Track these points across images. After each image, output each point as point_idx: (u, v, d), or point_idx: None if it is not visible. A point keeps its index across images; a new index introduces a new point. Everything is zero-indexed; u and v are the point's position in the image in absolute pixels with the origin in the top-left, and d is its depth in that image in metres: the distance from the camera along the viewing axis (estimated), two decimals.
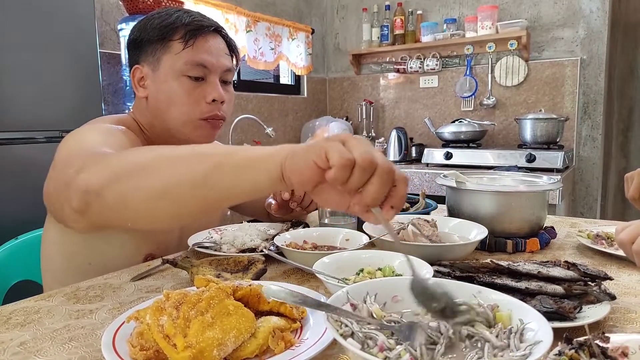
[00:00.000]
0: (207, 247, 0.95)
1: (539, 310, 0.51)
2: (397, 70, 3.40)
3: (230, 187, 0.55)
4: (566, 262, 0.75)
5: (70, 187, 0.61)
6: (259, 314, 0.61)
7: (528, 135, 2.74)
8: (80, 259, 0.95)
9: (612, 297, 0.67)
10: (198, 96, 0.95)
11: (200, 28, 0.95)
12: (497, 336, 0.49)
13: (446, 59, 3.27)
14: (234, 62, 1.02)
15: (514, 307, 0.53)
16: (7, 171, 1.41)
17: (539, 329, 0.47)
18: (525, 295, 0.67)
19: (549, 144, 2.72)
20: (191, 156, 0.57)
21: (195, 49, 0.94)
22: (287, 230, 1.03)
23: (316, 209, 1.12)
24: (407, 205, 1.25)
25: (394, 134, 3.10)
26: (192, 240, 0.98)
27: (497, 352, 0.46)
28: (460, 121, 2.98)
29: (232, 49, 1.02)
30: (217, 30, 0.99)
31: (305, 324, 0.62)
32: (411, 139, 3.23)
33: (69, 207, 0.63)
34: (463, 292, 0.56)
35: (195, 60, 0.94)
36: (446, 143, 2.97)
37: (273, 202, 1.06)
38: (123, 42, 2.01)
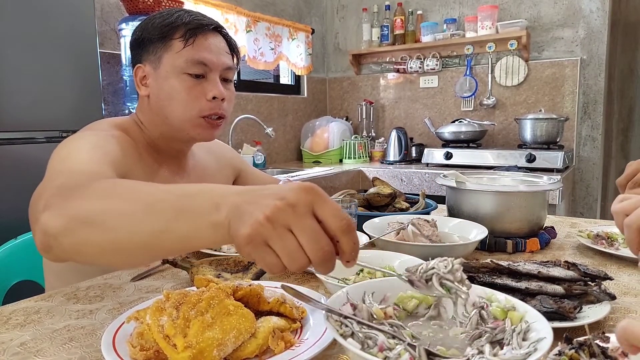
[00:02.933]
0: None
1: (539, 310, 0.51)
2: (397, 70, 3.40)
3: (178, 249, 0.52)
4: (566, 262, 0.75)
5: (36, 224, 0.59)
6: (259, 314, 0.61)
7: (528, 135, 2.74)
8: None
9: (612, 297, 0.67)
10: (198, 93, 0.95)
11: (200, 26, 0.96)
12: (496, 334, 0.49)
13: (446, 59, 3.27)
14: (235, 61, 1.03)
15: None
16: (7, 171, 1.41)
17: (539, 329, 0.47)
18: (525, 295, 0.67)
19: (549, 144, 2.72)
20: (142, 211, 0.52)
21: (196, 47, 0.95)
22: None
23: None
24: (407, 205, 1.25)
25: (394, 134, 3.10)
26: None
27: (498, 349, 0.46)
28: (460, 121, 2.98)
29: (232, 47, 1.02)
30: (217, 29, 1.00)
31: (305, 324, 0.62)
32: (411, 139, 3.23)
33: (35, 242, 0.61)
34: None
35: (196, 58, 0.94)
36: (446, 143, 2.97)
37: None
38: (123, 42, 2.01)
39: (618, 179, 1.04)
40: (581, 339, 0.49)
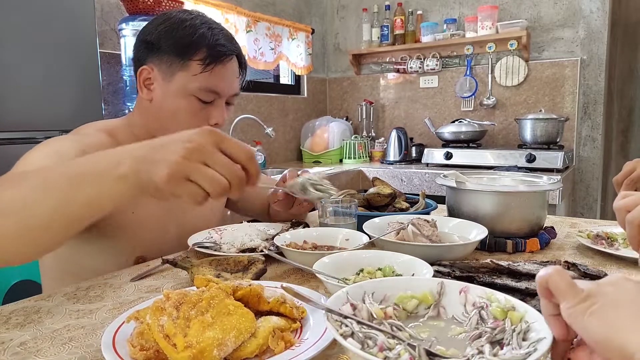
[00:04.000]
0: (207, 247, 0.95)
1: (539, 310, 0.51)
2: (397, 71, 3.40)
3: (87, 214, 0.57)
4: (566, 262, 0.75)
5: None
6: (259, 314, 0.61)
7: (528, 135, 2.74)
8: (72, 262, 0.95)
9: None
10: (202, 119, 0.96)
11: (221, 54, 0.95)
12: (496, 334, 0.49)
13: (446, 59, 3.27)
14: (241, 78, 1.04)
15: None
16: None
17: (539, 329, 0.47)
18: (525, 295, 0.67)
19: (549, 144, 2.72)
20: (40, 189, 0.56)
21: (213, 75, 0.94)
22: (287, 230, 1.03)
23: (316, 209, 1.13)
24: (407, 205, 1.25)
25: (394, 134, 3.11)
26: (192, 240, 0.98)
27: (498, 349, 0.46)
28: (460, 121, 2.98)
29: (242, 68, 1.03)
30: (235, 53, 0.99)
31: (305, 324, 0.62)
32: (411, 139, 3.23)
33: None
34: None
35: (210, 87, 0.94)
36: (446, 143, 2.97)
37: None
38: (123, 42, 2.01)
39: (615, 177, 1.05)
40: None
